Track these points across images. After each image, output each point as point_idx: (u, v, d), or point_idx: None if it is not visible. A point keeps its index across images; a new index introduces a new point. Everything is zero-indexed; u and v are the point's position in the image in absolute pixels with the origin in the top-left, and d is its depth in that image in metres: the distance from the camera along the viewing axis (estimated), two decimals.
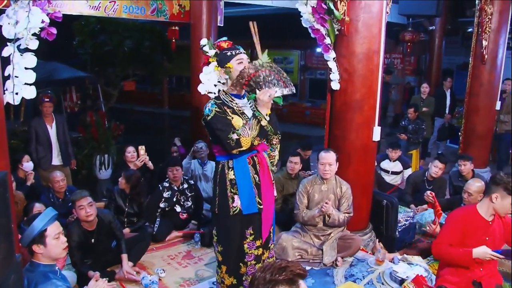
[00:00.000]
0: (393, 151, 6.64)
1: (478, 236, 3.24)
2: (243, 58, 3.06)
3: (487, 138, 7.42)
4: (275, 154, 3.38)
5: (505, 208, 3.19)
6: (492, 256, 3.14)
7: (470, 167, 5.79)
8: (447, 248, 3.33)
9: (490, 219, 3.28)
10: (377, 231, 4.84)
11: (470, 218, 3.31)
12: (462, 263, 3.33)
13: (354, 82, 4.25)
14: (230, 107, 3.06)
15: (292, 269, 1.70)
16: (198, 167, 6.07)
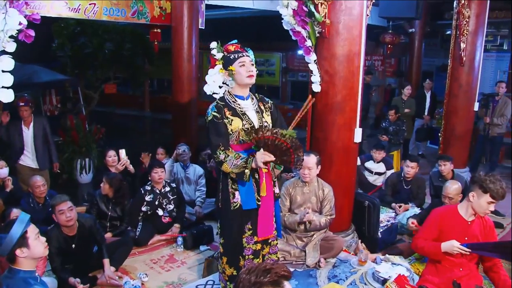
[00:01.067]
0: (377, 152, 6.71)
1: (456, 236, 3.29)
2: (245, 61, 3.18)
3: (466, 138, 7.52)
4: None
5: (482, 207, 3.24)
6: (459, 250, 3.22)
7: (450, 167, 5.87)
8: (421, 242, 3.44)
9: (470, 220, 3.32)
10: (359, 231, 4.87)
11: (449, 217, 3.37)
12: (433, 256, 3.46)
13: (335, 84, 4.27)
14: (232, 108, 3.19)
15: (276, 271, 1.70)
16: (180, 170, 6.04)
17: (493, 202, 3.22)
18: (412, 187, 6.03)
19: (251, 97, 3.31)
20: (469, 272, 3.39)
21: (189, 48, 6.89)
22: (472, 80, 7.11)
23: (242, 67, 3.18)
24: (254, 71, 3.21)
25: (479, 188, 3.22)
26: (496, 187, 3.17)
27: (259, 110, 3.31)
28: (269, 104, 3.41)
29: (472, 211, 3.30)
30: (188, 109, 7.01)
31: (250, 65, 3.19)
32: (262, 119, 3.28)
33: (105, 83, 10.52)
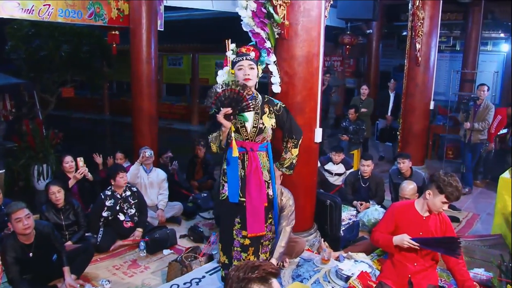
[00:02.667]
0: (336, 154, 6.76)
1: (411, 230, 3.36)
2: (243, 64, 3.36)
3: (423, 136, 7.76)
4: (286, 156, 3.64)
5: (436, 206, 3.30)
6: (409, 243, 3.28)
7: (409, 165, 6.01)
8: (378, 235, 3.51)
9: (425, 215, 3.39)
10: (322, 230, 4.92)
11: (405, 212, 3.44)
12: (386, 248, 3.55)
13: (295, 85, 4.30)
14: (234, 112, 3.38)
15: (264, 268, 1.76)
16: (143, 175, 5.94)
17: (447, 202, 3.27)
18: (370, 185, 6.15)
19: (254, 99, 3.39)
20: (423, 268, 3.44)
21: (148, 50, 6.80)
22: (427, 79, 7.33)
23: (239, 71, 3.37)
24: (253, 75, 3.37)
25: (436, 187, 3.26)
26: (452, 189, 3.20)
27: (260, 111, 3.42)
28: (277, 107, 3.50)
29: (427, 208, 3.37)
30: (148, 112, 6.92)
31: (248, 69, 3.34)
32: (259, 120, 3.41)
33: (62, 87, 10.25)
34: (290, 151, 3.60)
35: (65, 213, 4.90)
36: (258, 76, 3.53)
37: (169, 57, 17.83)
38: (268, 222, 3.61)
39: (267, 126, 3.43)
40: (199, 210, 6.37)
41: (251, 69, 3.37)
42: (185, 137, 13.62)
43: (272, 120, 3.47)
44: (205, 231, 5.58)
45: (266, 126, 3.42)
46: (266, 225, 3.59)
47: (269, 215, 3.60)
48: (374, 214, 5.69)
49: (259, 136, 3.44)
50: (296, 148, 3.61)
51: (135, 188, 5.41)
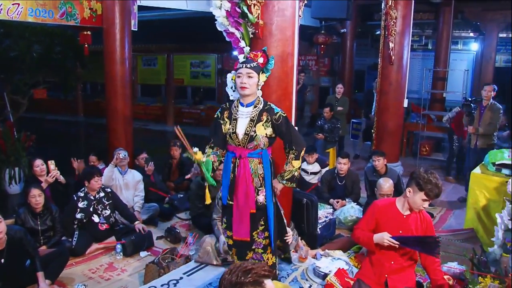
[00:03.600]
0: (310, 155, 6.79)
1: (392, 229, 3.33)
2: (242, 72, 3.40)
3: (397, 133, 7.84)
4: (286, 168, 3.58)
5: (416, 203, 3.25)
6: (389, 242, 3.26)
7: (384, 162, 6.08)
8: (359, 232, 3.50)
9: (406, 213, 3.35)
10: (298, 229, 4.93)
11: (386, 210, 3.42)
12: (367, 246, 3.54)
13: (270, 84, 4.30)
14: (230, 112, 3.54)
15: (256, 271, 1.77)
16: (119, 176, 5.87)
17: (427, 200, 3.23)
18: (346, 183, 6.20)
19: (254, 105, 3.47)
20: (400, 268, 3.41)
21: (121, 50, 6.72)
22: (401, 78, 7.42)
23: (238, 78, 3.42)
24: (250, 83, 3.39)
25: (416, 185, 3.22)
26: (431, 186, 3.17)
27: (255, 119, 3.44)
28: (276, 116, 3.47)
29: (407, 206, 3.33)
30: (123, 113, 6.85)
31: (246, 77, 3.38)
32: (252, 128, 3.43)
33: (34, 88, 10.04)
34: (291, 163, 3.54)
35: (42, 218, 4.78)
36: (259, 84, 3.54)
37: (143, 58, 17.68)
38: (260, 229, 3.58)
39: (259, 134, 3.43)
40: (175, 211, 6.34)
41: (249, 78, 3.38)
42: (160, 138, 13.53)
43: (268, 129, 3.45)
44: (182, 232, 5.56)
45: (257, 134, 3.42)
46: (257, 232, 3.57)
47: (260, 222, 3.57)
48: (350, 212, 5.75)
49: (250, 143, 3.45)
50: (297, 160, 3.54)
51: (108, 189, 5.34)
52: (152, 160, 6.65)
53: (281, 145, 3.63)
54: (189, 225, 5.93)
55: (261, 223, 3.57)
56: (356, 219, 5.66)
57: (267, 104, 3.52)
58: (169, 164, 7.30)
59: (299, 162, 3.55)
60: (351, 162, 6.82)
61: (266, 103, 3.53)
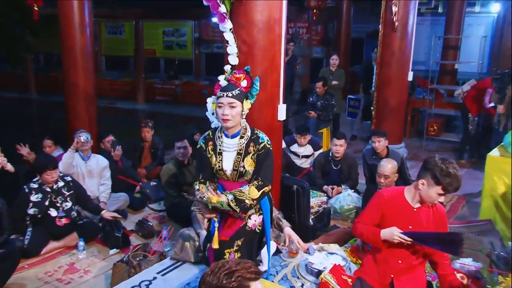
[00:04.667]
0: (302, 136, 6.83)
1: (400, 223, 3.29)
2: (223, 102, 3.36)
3: (401, 111, 7.88)
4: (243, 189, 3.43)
5: (431, 198, 3.20)
6: (400, 238, 3.21)
7: (385, 144, 6.08)
8: (361, 227, 3.47)
9: (416, 206, 3.33)
10: (288, 219, 4.91)
11: (393, 201, 3.38)
12: (373, 243, 3.48)
13: (255, 55, 4.29)
14: (214, 144, 3.53)
15: (241, 273, 1.76)
16: (80, 163, 5.85)
17: (444, 194, 3.18)
18: (342, 167, 6.26)
19: (240, 136, 3.47)
20: (409, 267, 3.40)
21: (81, 16, 6.60)
22: (405, 46, 7.42)
23: (219, 108, 3.39)
24: (233, 114, 3.35)
25: (432, 177, 3.14)
26: (451, 180, 3.09)
27: (243, 152, 3.44)
28: (260, 146, 3.46)
29: (418, 198, 3.29)
30: (84, 89, 6.77)
31: (228, 108, 3.34)
32: (240, 163, 3.43)
33: None
34: (250, 188, 3.42)
35: None
36: (244, 113, 3.45)
37: (107, 24, 17.49)
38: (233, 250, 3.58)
39: (248, 169, 3.45)
40: (148, 201, 6.38)
41: (231, 108, 3.34)
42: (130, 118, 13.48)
43: (253, 162, 3.48)
44: (155, 225, 5.60)
45: (247, 170, 3.45)
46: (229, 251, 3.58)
47: (237, 242, 3.55)
48: (347, 200, 5.81)
49: (241, 178, 3.48)
50: (257, 190, 3.42)
51: (69, 177, 5.29)
52: (119, 144, 6.64)
53: None
54: (163, 217, 5.96)
55: (238, 244, 3.58)
56: (354, 208, 5.73)
57: (254, 132, 3.52)
58: (140, 148, 7.29)
59: (257, 194, 3.42)
60: (348, 144, 6.85)
61: (253, 131, 3.52)
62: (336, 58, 9.20)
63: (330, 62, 9.21)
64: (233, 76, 3.71)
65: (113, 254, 5.00)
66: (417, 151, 9.02)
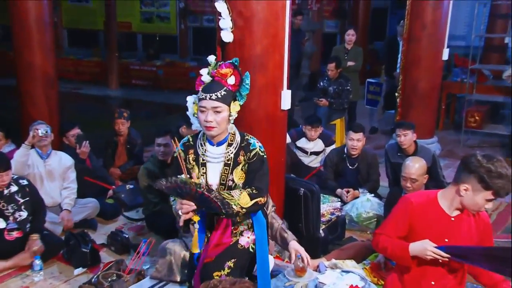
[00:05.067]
0: (313, 129, 6.85)
1: (433, 235, 3.24)
2: (206, 106, 3.34)
3: (433, 97, 7.88)
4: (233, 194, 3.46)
5: (477, 205, 3.13)
6: (434, 254, 3.15)
7: (412, 138, 6.06)
8: (384, 240, 3.41)
9: (454, 215, 3.28)
10: (294, 230, 4.92)
11: (425, 208, 3.33)
12: (399, 260, 3.42)
13: (253, 31, 4.30)
14: (196, 153, 3.56)
15: None
16: (38, 162, 5.82)
17: (494, 199, 3.10)
18: (360, 167, 6.28)
19: (227, 143, 3.49)
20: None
21: None
22: (439, 17, 7.39)
23: (201, 113, 3.38)
24: (219, 120, 3.34)
25: (478, 181, 3.04)
26: (502, 182, 2.99)
27: (231, 163, 3.47)
28: (251, 154, 3.49)
29: (458, 205, 3.24)
30: (42, 70, 6.74)
31: (212, 113, 3.32)
32: (228, 176, 3.47)
33: None
34: (241, 194, 3.44)
35: None
36: (231, 117, 3.45)
37: None
38: (224, 273, 3.62)
39: (238, 183, 3.49)
40: (122, 208, 6.39)
41: (216, 113, 3.32)
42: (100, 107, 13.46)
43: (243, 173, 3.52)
44: (132, 237, 5.61)
45: (237, 184, 3.48)
46: (219, 274, 3.61)
47: (228, 263, 3.61)
48: (366, 206, 5.81)
49: None
50: (249, 198, 3.44)
51: (25, 181, 5.18)
52: (87, 138, 6.60)
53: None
54: (141, 228, 5.99)
55: (230, 266, 3.62)
56: (374, 216, 5.74)
57: (244, 138, 3.54)
58: (113, 144, 7.31)
59: (248, 203, 3.43)
60: (367, 138, 6.86)
61: (243, 137, 3.54)
62: (353, 34, 9.20)
63: (345, 39, 9.22)
64: (217, 72, 3.49)
65: (78, 274, 4.97)
66: (453, 147, 9.05)
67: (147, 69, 15.91)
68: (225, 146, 3.49)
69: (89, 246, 5.10)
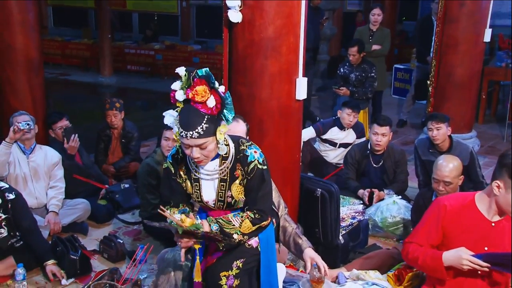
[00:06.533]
0: (353, 113, 6.89)
1: (470, 243, 3.24)
2: (190, 144, 3.20)
3: (472, 86, 7.82)
4: (230, 219, 3.51)
5: (510, 205, 3.12)
6: (471, 263, 3.14)
7: (447, 132, 6.05)
8: (415, 249, 3.42)
9: (494, 220, 3.27)
10: (310, 236, 4.92)
11: (461, 213, 3.34)
12: (432, 272, 3.42)
13: (265, 10, 4.33)
14: (188, 168, 3.52)
15: None
16: (20, 157, 5.84)
17: None
18: (385, 165, 6.29)
19: (221, 158, 3.42)
20: None
21: None
22: None
23: (185, 148, 3.29)
24: (205, 154, 3.26)
25: (510, 176, 3.06)
26: None
27: (228, 178, 3.46)
28: (249, 168, 3.44)
29: (496, 208, 3.24)
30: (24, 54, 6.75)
31: (197, 149, 3.22)
32: (225, 192, 3.47)
33: None
34: (243, 221, 3.48)
35: None
36: (219, 143, 3.32)
37: None
38: (232, 273, 3.67)
39: (237, 199, 3.49)
40: (117, 210, 6.43)
41: (201, 149, 3.25)
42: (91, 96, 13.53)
43: (242, 188, 3.52)
44: (127, 243, 5.65)
45: (237, 200, 3.49)
46: (226, 275, 3.66)
47: (236, 262, 3.64)
48: (392, 210, 5.81)
49: (230, 208, 3.55)
50: (251, 226, 3.49)
51: (11, 195, 5.02)
52: (76, 132, 6.63)
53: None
54: (138, 232, 6.02)
55: (238, 265, 3.66)
56: (401, 221, 5.74)
57: (240, 148, 3.46)
58: (106, 137, 7.35)
59: (250, 229, 3.48)
60: (394, 132, 6.88)
61: (237, 148, 3.45)
62: (379, 13, 9.15)
63: (370, 18, 9.19)
64: (191, 92, 3.15)
65: (67, 284, 5.03)
66: (496, 143, 9.03)
67: (144, 53, 15.99)
68: (219, 160, 3.44)
69: (79, 253, 5.12)
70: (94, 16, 16.70)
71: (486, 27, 7.54)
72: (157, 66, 15.52)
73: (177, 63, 14.67)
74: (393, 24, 11.77)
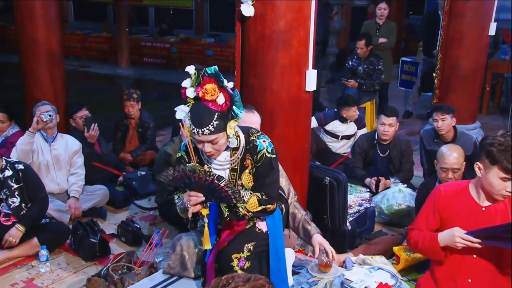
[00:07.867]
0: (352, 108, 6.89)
1: (463, 226, 3.22)
2: (202, 140, 3.27)
3: (476, 78, 7.77)
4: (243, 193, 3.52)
5: (493, 186, 3.13)
6: (464, 241, 3.14)
7: (451, 123, 6.05)
8: (416, 234, 3.44)
9: (485, 205, 3.27)
10: (318, 222, 4.90)
11: (455, 199, 3.36)
12: (431, 255, 3.44)
13: (276, 4, 4.32)
14: (200, 158, 3.56)
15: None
16: (43, 146, 5.87)
17: (508, 178, 3.06)
18: (391, 154, 6.28)
19: (232, 149, 3.48)
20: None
21: None
22: None
23: (198, 144, 3.37)
24: (218, 147, 3.32)
25: (486, 156, 3.10)
26: (507, 156, 3.00)
27: (238, 167, 3.51)
28: (258, 157, 3.48)
29: (482, 191, 3.27)
30: (46, 47, 6.77)
31: (209, 145, 3.29)
32: (236, 181, 3.52)
33: None
34: (251, 197, 3.47)
35: None
36: (229, 137, 3.38)
37: None
38: (243, 255, 3.68)
39: (247, 188, 3.53)
40: (134, 196, 6.46)
41: (213, 144, 3.31)
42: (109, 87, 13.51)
43: (251, 176, 3.57)
44: (143, 227, 5.68)
45: (247, 188, 3.53)
46: (238, 257, 3.67)
47: (248, 245, 3.68)
48: (398, 198, 5.80)
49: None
50: (258, 204, 3.47)
51: (20, 165, 5.19)
52: (96, 121, 6.65)
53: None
54: (154, 217, 6.06)
55: (249, 248, 3.69)
56: (406, 208, 5.74)
57: (250, 139, 3.50)
58: (123, 127, 7.36)
59: (256, 207, 3.47)
60: (400, 123, 6.85)
61: (248, 138, 3.50)
62: (385, 7, 9.14)
63: (377, 12, 9.17)
64: (201, 90, 3.21)
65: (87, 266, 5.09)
66: None
67: (159, 46, 15.96)
68: (230, 152, 3.50)
69: (98, 237, 5.16)
70: (112, 11, 16.68)
71: (490, 21, 7.49)
72: (172, 58, 15.51)
73: (191, 56, 14.81)
74: (400, 18, 11.72)
